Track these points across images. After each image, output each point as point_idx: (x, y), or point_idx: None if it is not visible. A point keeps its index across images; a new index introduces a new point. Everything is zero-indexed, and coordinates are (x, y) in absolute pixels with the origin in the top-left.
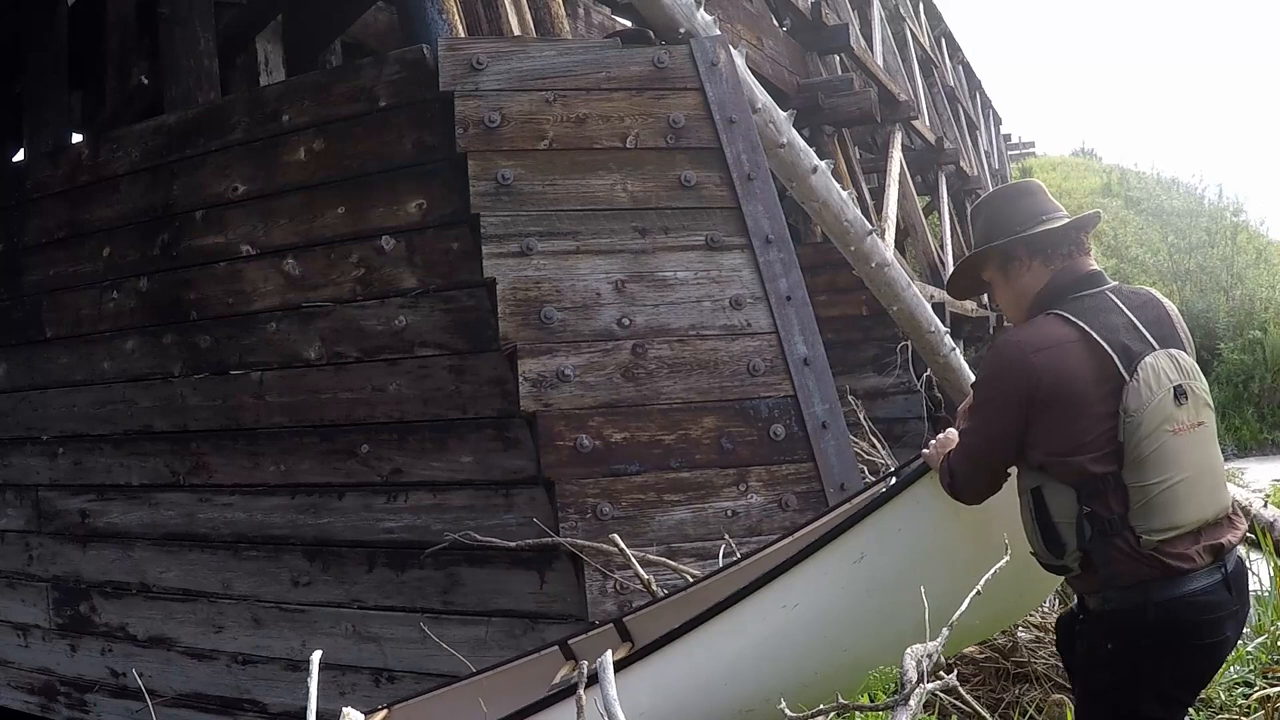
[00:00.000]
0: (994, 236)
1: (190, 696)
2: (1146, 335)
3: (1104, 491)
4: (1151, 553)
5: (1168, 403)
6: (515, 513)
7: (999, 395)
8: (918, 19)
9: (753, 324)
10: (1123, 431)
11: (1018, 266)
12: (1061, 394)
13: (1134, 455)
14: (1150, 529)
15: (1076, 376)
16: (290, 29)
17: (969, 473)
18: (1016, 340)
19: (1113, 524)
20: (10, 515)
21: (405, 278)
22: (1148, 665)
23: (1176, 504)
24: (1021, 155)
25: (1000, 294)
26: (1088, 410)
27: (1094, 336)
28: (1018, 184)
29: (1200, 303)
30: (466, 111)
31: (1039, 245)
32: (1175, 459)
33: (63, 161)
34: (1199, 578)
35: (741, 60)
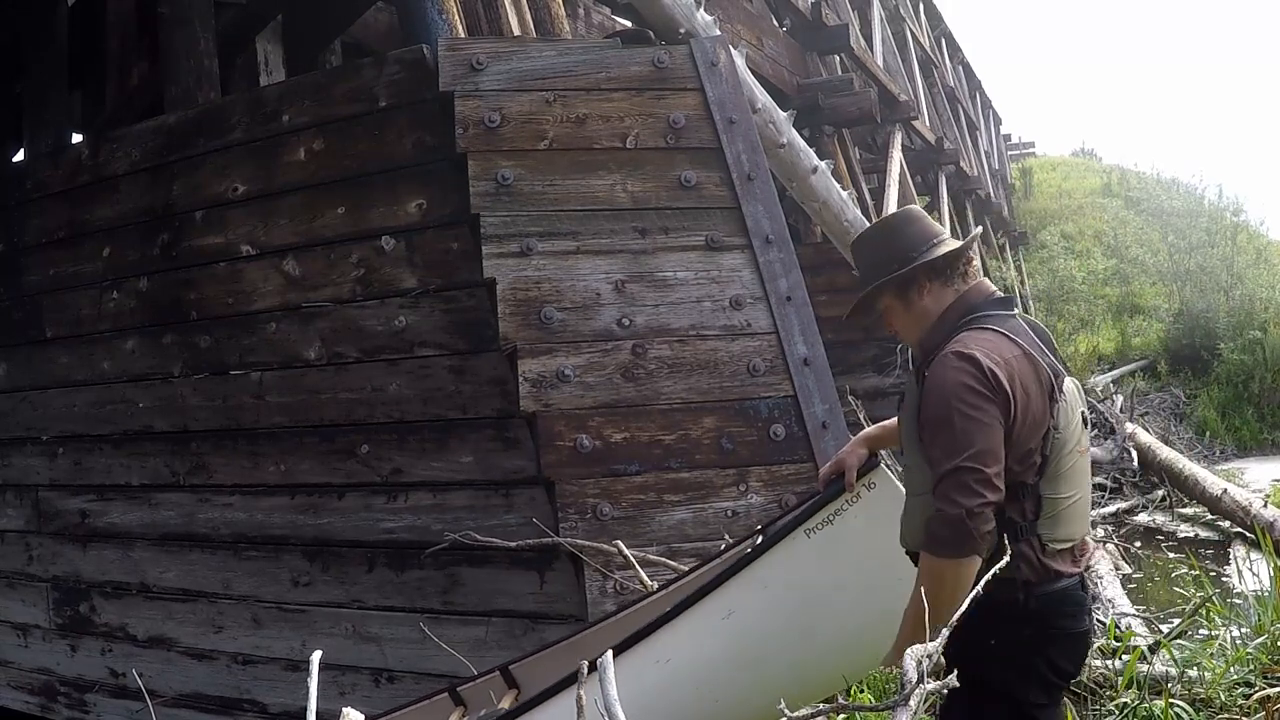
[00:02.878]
0: (889, 266)
1: (190, 696)
2: (1055, 362)
3: (1022, 500)
4: (1049, 560)
5: (1079, 425)
6: (515, 513)
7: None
8: (918, 19)
9: (753, 324)
10: (1050, 446)
11: (918, 291)
12: (1024, 406)
13: (1054, 469)
14: (1053, 538)
15: (1031, 390)
16: (290, 29)
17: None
18: (977, 353)
19: (1023, 529)
20: (10, 515)
21: (405, 278)
22: (1030, 655)
23: (1075, 519)
24: (1021, 155)
25: (898, 319)
26: (1035, 423)
27: (1034, 354)
28: (901, 212)
29: (1200, 303)
30: (466, 111)
31: (939, 268)
32: (1080, 478)
33: (63, 161)
34: (1059, 579)
35: (741, 60)
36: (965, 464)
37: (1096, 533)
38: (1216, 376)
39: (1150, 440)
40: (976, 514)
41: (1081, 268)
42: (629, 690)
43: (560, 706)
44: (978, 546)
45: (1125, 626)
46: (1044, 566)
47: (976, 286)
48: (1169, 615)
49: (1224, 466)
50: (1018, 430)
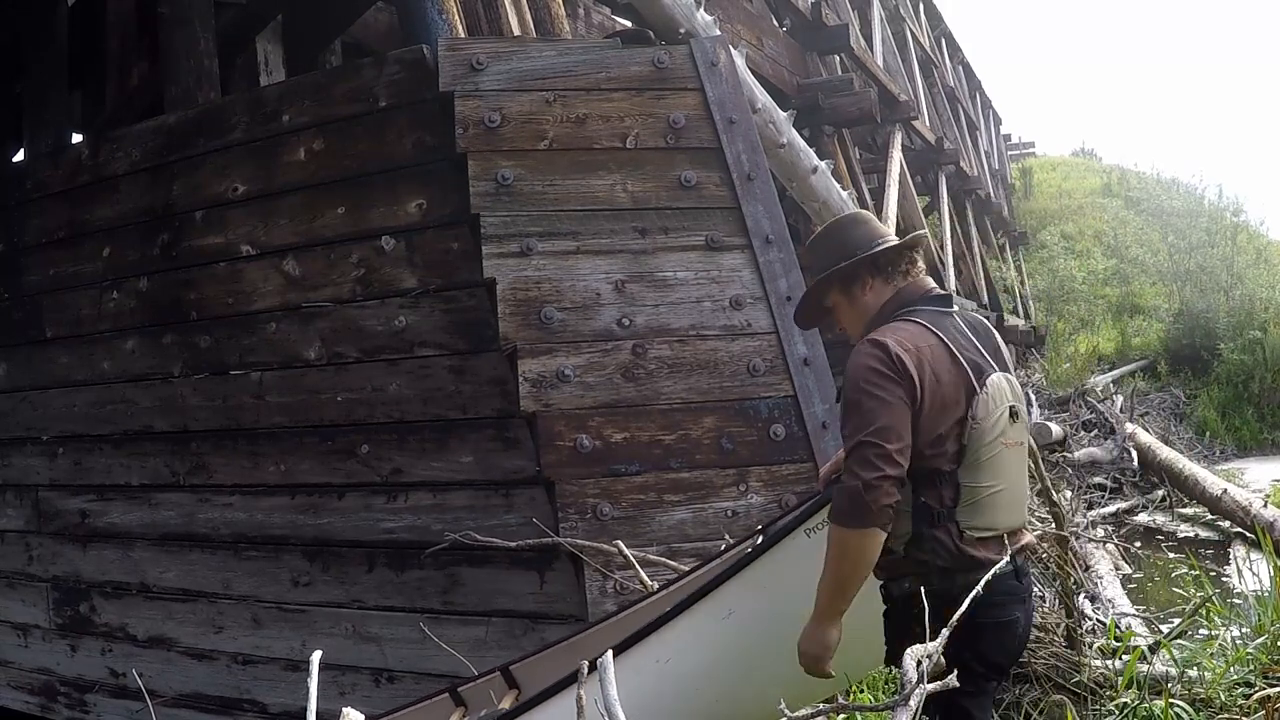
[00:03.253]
0: (834, 263)
1: (190, 696)
2: (988, 356)
3: (939, 486)
4: (967, 547)
5: (1004, 418)
6: (515, 513)
7: (897, 388)
8: (918, 19)
9: (753, 324)
10: (968, 436)
11: (860, 286)
12: (930, 390)
13: (972, 459)
14: (972, 525)
15: (943, 378)
16: (290, 29)
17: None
18: (890, 340)
19: (940, 515)
20: (10, 515)
21: (405, 278)
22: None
23: (997, 509)
24: (1021, 155)
25: (844, 314)
26: (947, 411)
27: (952, 345)
28: (849, 215)
29: (1200, 303)
30: (466, 111)
31: (881, 264)
32: (1004, 469)
33: (63, 161)
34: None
35: (741, 60)
36: (866, 439)
37: (1096, 532)
38: (1216, 376)
39: (1150, 440)
40: (874, 486)
41: (1081, 268)
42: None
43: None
44: (876, 519)
45: (1125, 626)
46: (960, 552)
47: (914, 283)
48: (1169, 615)
49: (1224, 466)
50: (925, 413)
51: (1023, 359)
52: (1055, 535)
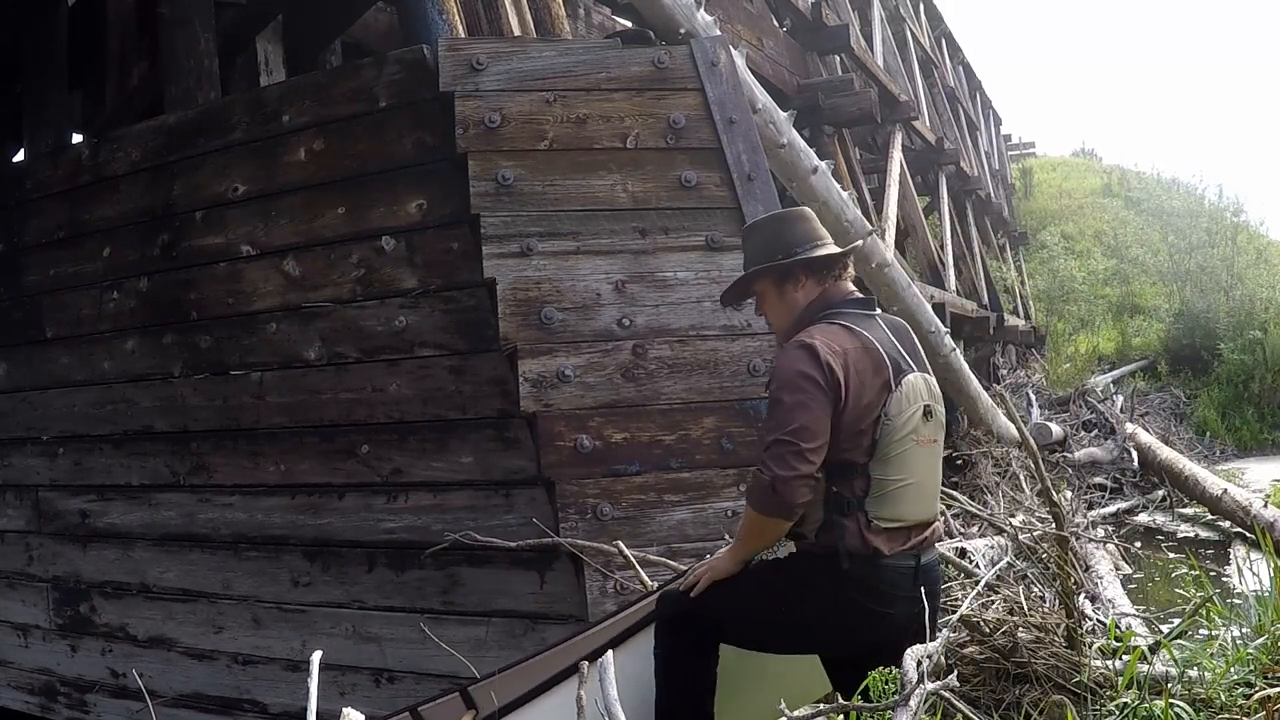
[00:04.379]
0: (773, 255)
1: (190, 697)
2: (907, 357)
3: (852, 478)
4: (872, 536)
5: (918, 416)
6: (515, 513)
7: (818, 390)
8: (918, 19)
9: (753, 324)
10: (880, 431)
11: (793, 284)
12: (854, 391)
13: (883, 453)
14: (880, 516)
15: (865, 378)
16: (290, 29)
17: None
18: (817, 343)
19: (851, 505)
20: (10, 515)
21: (405, 278)
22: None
23: (905, 501)
24: (1021, 155)
25: (771, 305)
26: (868, 409)
27: (875, 346)
28: (793, 210)
29: (1200, 303)
30: (466, 112)
31: (816, 266)
32: (914, 465)
33: (63, 161)
34: (896, 557)
35: (742, 60)
36: (783, 437)
37: (1097, 532)
38: (1217, 376)
39: (1150, 440)
40: (784, 482)
41: (1081, 268)
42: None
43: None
44: (782, 511)
45: (1125, 626)
46: (865, 541)
47: (839, 286)
48: (1169, 615)
49: (1224, 466)
50: (847, 413)
51: (1023, 359)
52: (1055, 535)
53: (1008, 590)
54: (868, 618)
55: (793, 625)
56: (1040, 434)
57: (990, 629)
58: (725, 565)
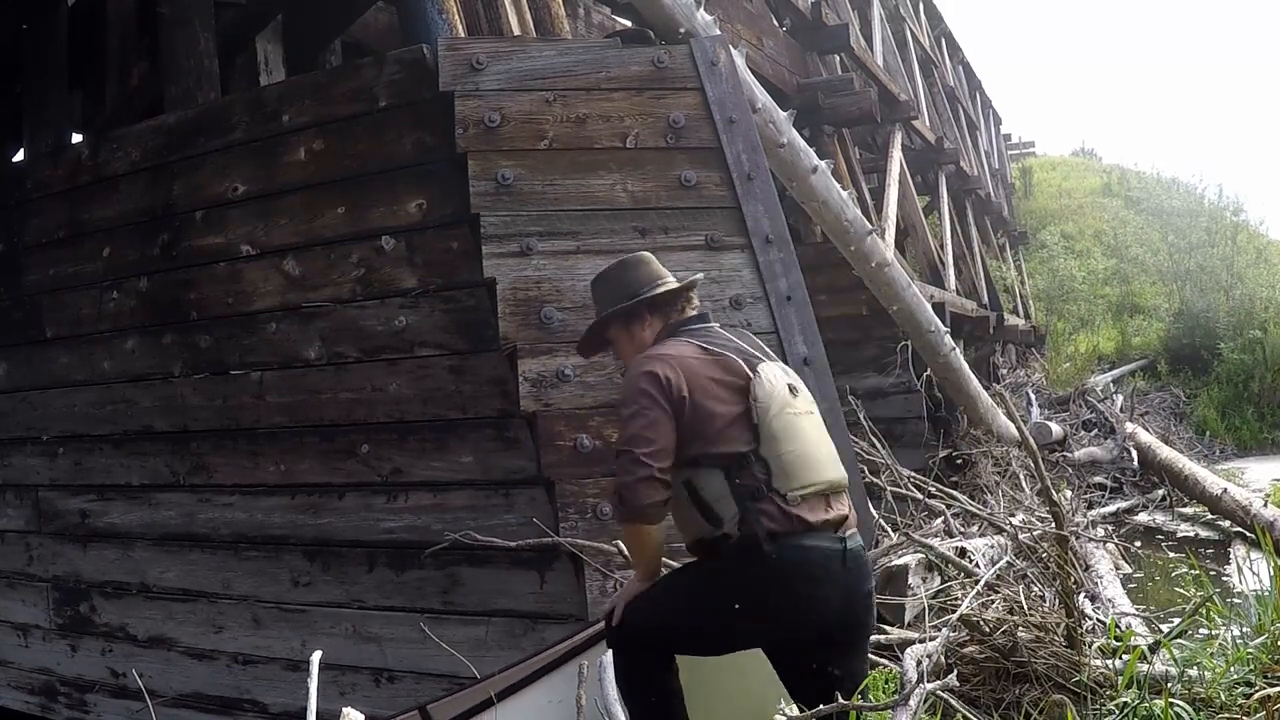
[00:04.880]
0: (619, 300)
1: (190, 696)
2: (754, 351)
3: (748, 466)
4: (795, 510)
5: (785, 393)
6: (515, 513)
7: (656, 392)
8: (918, 19)
9: (753, 324)
10: (756, 415)
11: (640, 323)
12: (696, 395)
13: (767, 432)
14: (790, 488)
15: (703, 379)
16: (290, 29)
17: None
18: (650, 358)
19: (759, 490)
20: (10, 515)
21: (405, 278)
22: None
23: (805, 465)
24: (1021, 155)
25: (623, 348)
26: (721, 404)
27: (716, 349)
28: (634, 256)
29: (1200, 302)
30: (466, 111)
31: (658, 304)
32: (799, 433)
33: (63, 161)
34: (823, 538)
35: (741, 60)
36: (624, 448)
37: (1096, 532)
38: (1216, 376)
39: (1150, 440)
40: (628, 488)
41: (1081, 267)
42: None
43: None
44: (639, 515)
45: (1125, 626)
46: (787, 515)
47: (680, 318)
48: (1169, 615)
49: (1224, 466)
50: (694, 411)
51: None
52: (1055, 535)
53: (1008, 590)
54: (797, 601)
55: (725, 621)
56: (1040, 433)
57: (990, 628)
58: (632, 587)
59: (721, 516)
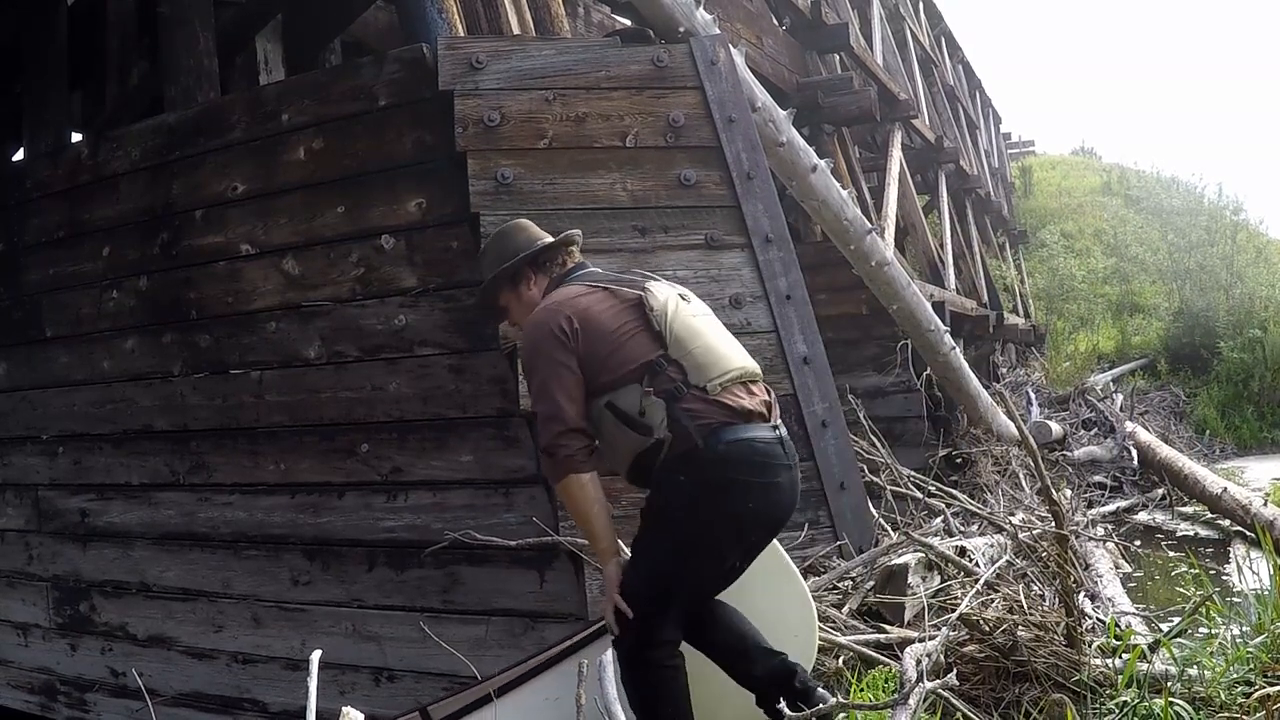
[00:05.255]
0: (498, 266)
1: (190, 696)
2: (637, 275)
3: (661, 370)
4: (718, 398)
5: (677, 300)
6: (515, 512)
7: (549, 347)
8: (917, 18)
9: (752, 323)
10: (656, 323)
11: (526, 283)
12: (591, 324)
13: (672, 336)
14: (708, 379)
15: (595, 309)
16: (290, 28)
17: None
18: (542, 310)
19: (679, 389)
20: (10, 515)
21: (405, 277)
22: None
23: (715, 356)
24: (1021, 154)
25: (514, 310)
26: (619, 326)
27: (600, 283)
28: (509, 224)
29: (1200, 301)
30: (466, 110)
31: (540, 262)
32: (701, 331)
33: (63, 161)
34: (759, 429)
35: (741, 59)
36: (537, 408)
37: (1096, 531)
38: (1216, 375)
39: (1150, 439)
40: (553, 445)
41: (1081, 266)
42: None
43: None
44: (567, 467)
45: (1125, 625)
46: (715, 405)
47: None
48: (1169, 614)
49: (1224, 465)
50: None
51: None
52: (1055, 534)
53: (1007, 589)
54: (762, 493)
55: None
56: (1040, 432)
57: (990, 627)
58: (609, 569)
59: (650, 424)
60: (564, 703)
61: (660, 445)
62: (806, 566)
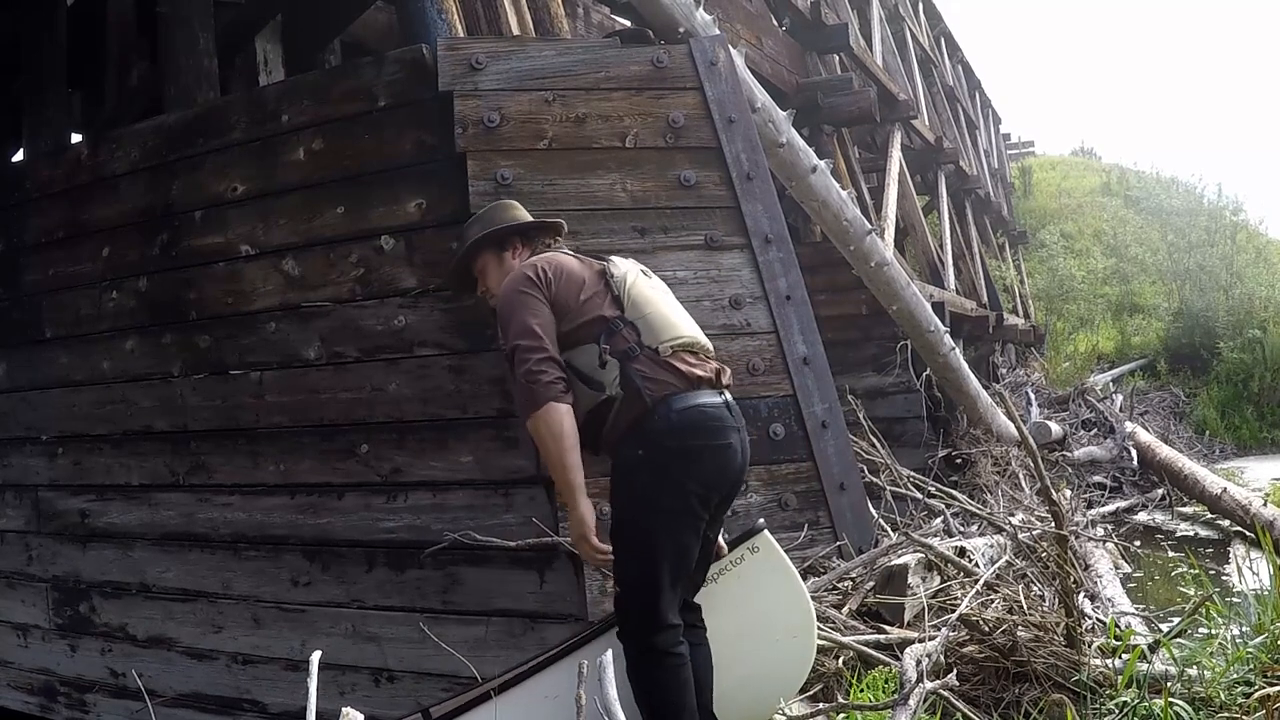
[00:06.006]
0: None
1: (190, 696)
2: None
3: (618, 331)
4: (669, 360)
5: (638, 272)
6: (515, 512)
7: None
8: (917, 19)
9: (752, 323)
10: (616, 288)
11: (510, 251)
12: (564, 276)
13: (629, 300)
14: (660, 341)
15: (568, 266)
16: (290, 29)
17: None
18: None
19: (632, 350)
20: (10, 515)
21: (405, 277)
22: (671, 464)
23: (667, 321)
24: (1021, 154)
25: (492, 276)
26: (585, 285)
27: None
28: (503, 201)
29: (1200, 301)
30: (466, 111)
31: (529, 233)
32: (658, 299)
33: (63, 161)
34: (705, 394)
35: (741, 60)
36: (514, 341)
37: (1096, 531)
38: (1216, 375)
39: (1150, 439)
40: (533, 371)
41: (1081, 267)
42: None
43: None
44: (547, 393)
45: (1125, 625)
46: (665, 366)
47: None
48: (1169, 614)
49: (1223, 465)
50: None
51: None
52: (1055, 534)
53: (1007, 589)
54: (716, 455)
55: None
56: (1039, 433)
57: (990, 628)
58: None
59: (603, 381)
60: (565, 701)
61: (611, 403)
62: (806, 567)
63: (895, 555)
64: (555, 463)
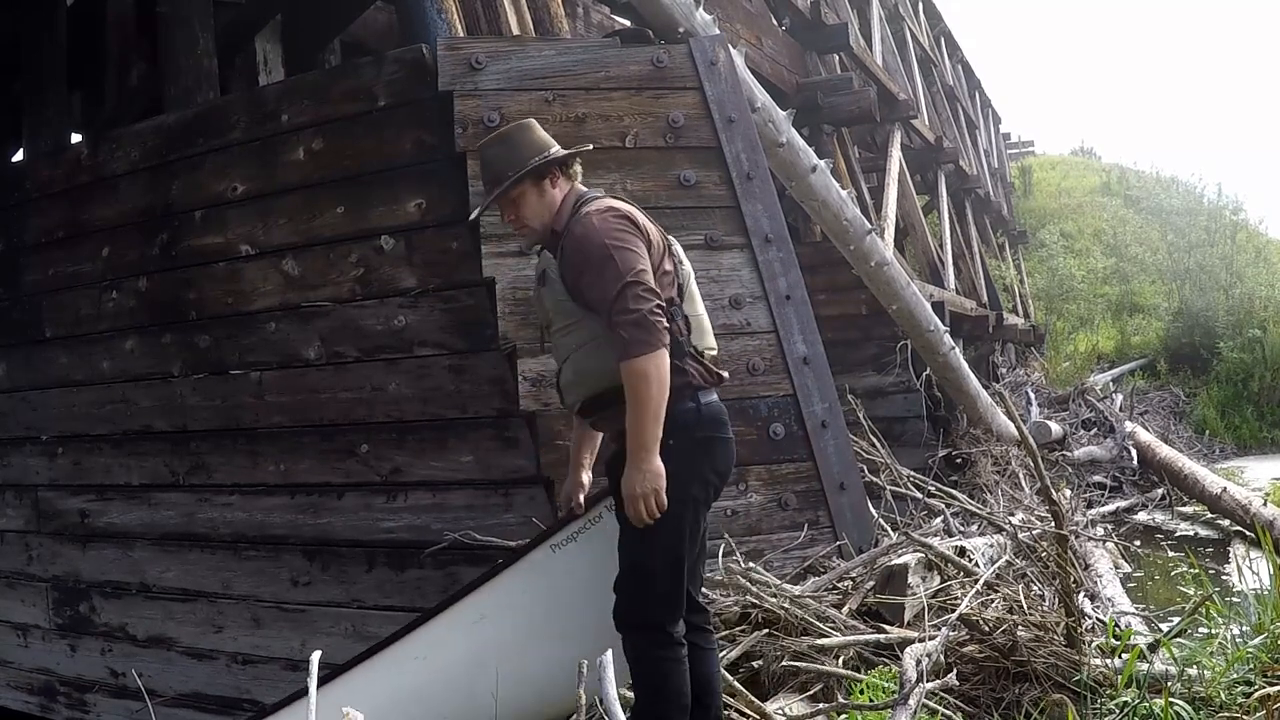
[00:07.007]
0: (524, 162)
1: (190, 696)
2: None
3: (676, 319)
4: (710, 364)
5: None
6: (515, 512)
7: (631, 231)
8: (917, 18)
9: (752, 323)
10: (679, 275)
11: (550, 180)
12: (652, 241)
13: (687, 292)
14: (703, 346)
15: (653, 232)
16: (289, 29)
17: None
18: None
19: (683, 345)
20: (10, 515)
21: (404, 277)
22: (698, 454)
23: (705, 332)
24: (1021, 154)
25: (530, 206)
26: (663, 258)
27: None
28: (523, 123)
29: (1199, 301)
30: (465, 111)
31: (566, 164)
32: (699, 302)
33: (63, 161)
34: (713, 392)
35: (740, 59)
36: (631, 279)
37: (1096, 531)
38: (1216, 375)
39: (1150, 439)
40: (651, 313)
41: (1081, 266)
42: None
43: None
44: (662, 338)
45: (1125, 625)
46: (708, 371)
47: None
48: (1169, 614)
49: (1223, 465)
50: (653, 255)
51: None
52: (1055, 534)
53: (1007, 589)
54: (725, 447)
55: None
56: (1039, 432)
57: (990, 627)
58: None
59: None
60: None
61: None
62: (806, 566)
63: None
64: (650, 410)
